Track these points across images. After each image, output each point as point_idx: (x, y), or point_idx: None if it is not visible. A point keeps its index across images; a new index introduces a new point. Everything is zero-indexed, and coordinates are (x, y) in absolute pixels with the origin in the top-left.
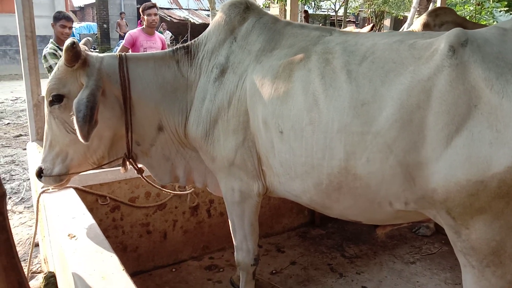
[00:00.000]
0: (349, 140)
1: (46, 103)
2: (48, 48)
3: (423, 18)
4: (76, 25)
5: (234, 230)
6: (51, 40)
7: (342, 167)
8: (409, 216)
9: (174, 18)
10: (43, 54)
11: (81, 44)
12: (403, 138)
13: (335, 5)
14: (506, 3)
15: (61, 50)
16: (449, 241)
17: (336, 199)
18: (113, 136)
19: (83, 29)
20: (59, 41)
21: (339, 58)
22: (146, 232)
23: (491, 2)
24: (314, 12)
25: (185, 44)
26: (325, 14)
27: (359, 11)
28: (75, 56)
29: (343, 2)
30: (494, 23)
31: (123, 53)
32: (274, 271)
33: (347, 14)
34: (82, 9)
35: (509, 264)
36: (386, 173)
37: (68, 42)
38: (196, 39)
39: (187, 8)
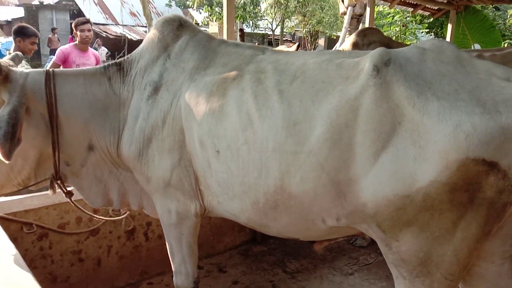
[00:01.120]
0: (284, 159)
1: None
2: None
3: (352, 38)
4: (2, 40)
5: (172, 253)
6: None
7: (278, 186)
8: (343, 231)
9: (110, 34)
10: None
11: (6, 60)
12: (334, 156)
13: (272, 25)
14: (426, 25)
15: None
16: None
17: (273, 218)
18: (39, 155)
19: (10, 44)
20: None
21: (271, 78)
22: (78, 260)
23: (414, 24)
24: (252, 31)
25: (117, 61)
26: (263, 33)
27: (295, 30)
28: None
29: (279, 22)
30: (417, 42)
31: (50, 69)
32: None
33: (284, 33)
34: (9, 23)
35: (436, 273)
36: (319, 191)
37: None
38: (129, 55)
39: (124, 24)
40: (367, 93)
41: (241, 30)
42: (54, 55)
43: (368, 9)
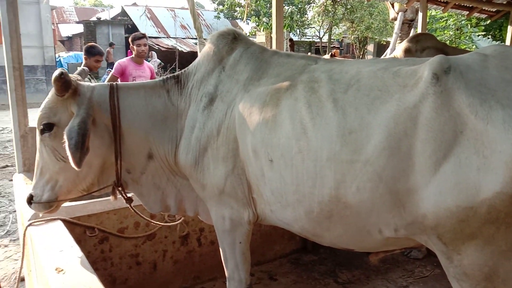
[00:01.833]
0: (339, 168)
1: (37, 131)
2: None
3: (404, 44)
4: (64, 54)
5: (225, 260)
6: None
7: (333, 196)
8: (400, 243)
9: (162, 47)
10: None
11: (75, 74)
12: (392, 165)
13: (319, 32)
14: (483, 27)
15: (93, 78)
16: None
17: (327, 228)
18: (102, 164)
19: (71, 58)
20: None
21: (325, 87)
22: (135, 263)
23: (469, 27)
24: (299, 39)
25: (175, 74)
26: (310, 41)
27: (343, 37)
28: (64, 86)
29: (327, 29)
30: (474, 47)
31: (114, 83)
32: None
33: (331, 40)
34: (70, 38)
35: None
36: (376, 201)
37: (56, 72)
38: (186, 68)
39: (175, 36)
40: (426, 101)
41: (291, 40)
42: (111, 68)
43: (420, 13)
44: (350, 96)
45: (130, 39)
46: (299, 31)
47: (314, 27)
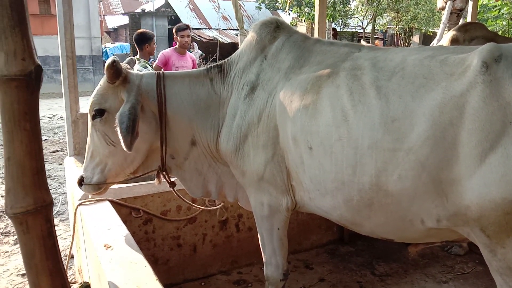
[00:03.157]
0: (380, 156)
1: (89, 117)
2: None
3: (452, 33)
4: (109, 45)
5: (263, 245)
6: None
7: (373, 183)
8: (442, 234)
9: (204, 38)
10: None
11: (124, 63)
12: (436, 155)
13: (362, 22)
14: None
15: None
16: (484, 261)
17: (367, 216)
18: (149, 149)
19: (117, 49)
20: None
21: (368, 74)
22: (176, 245)
23: None
24: (341, 30)
25: (218, 63)
26: (352, 31)
27: (388, 27)
28: (116, 73)
29: (371, 19)
30: None
31: (161, 72)
32: None
33: (375, 31)
34: (115, 30)
35: None
36: (418, 189)
37: (109, 60)
38: (229, 58)
39: (217, 28)
40: (474, 90)
41: (334, 29)
42: (153, 58)
43: (470, 2)
44: (394, 84)
45: (174, 30)
46: (342, 21)
47: (357, 17)
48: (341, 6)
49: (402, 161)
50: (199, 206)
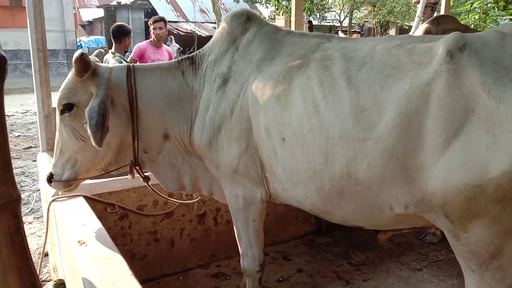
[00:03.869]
0: (351, 145)
1: (57, 111)
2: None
3: (425, 26)
4: (84, 39)
5: (239, 237)
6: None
7: (344, 172)
8: (410, 220)
9: (181, 31)
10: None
11: (93, 56)
12: (403, 142)
13: (339, 16)
14: (511, 11)
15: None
16: None
17: (338, 204)
18: (120, 143)
19: (92, 42)
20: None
21: (338, 65)
22: (153, 240)
23: (496, 10)
24: (319, 23)
25: (190, 55)
26: (330, 25)
27: (365, 21)
28: (84, 66)
29: (348, 13)
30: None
31: (131, 64)
32: (280, 279)
33: (352, 24)
34: (90, 23)
35: (508, 268)
36: (387, 177)
37: (76, 53)
38: (200, 49)
39: (194, 21)
40: (439, 79)
41: (310, 22)
42: (129, 52)
43: None
44: (364, 74)
45: (149, 23)
46: (319, 15)
47: (334, 11)
48: None
49: (371, 149)
50: (176, 200)
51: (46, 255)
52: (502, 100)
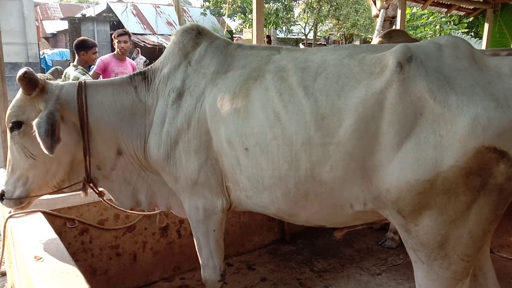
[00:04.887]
0: (314, 151)
1: (7, 129)
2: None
3: (378, 39)
4: (48, 51)
5: (199, 248)
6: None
7: (309, 175)
8: (366, 217)
9: (148, 43)
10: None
11: (47, 74)
12: (361, 145)
13: (304, 29)
14: (466, 25)
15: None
16: None
17: (303, 206)
18: (72, 160)
19: (56, 55)
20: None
21: (294, 76)
22: (115, 254)
23: (450, 24)
24: (285, 36)
25: (142, 70)
26: (296, 38)
27: (330, 34)
28: (30, 84)
29: (312, 26)
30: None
31: (82, 81)
32: None
33: (318, 37)
34: (54, 35)
35: (453, 255)
36: (348, 177)
37: (20, 72)
38: (152, 65)
39: (161, 33)
40: (391, 87)
41: (268, 36)
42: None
43: (399, 10)
44: (320, 84)
45: (112, 36)
46: (286, 28)
47: (299, 24)
48: (284, 13)
49: (333, 153)
50: (137, 213)
51: (4, 274)
52: (447, 106)
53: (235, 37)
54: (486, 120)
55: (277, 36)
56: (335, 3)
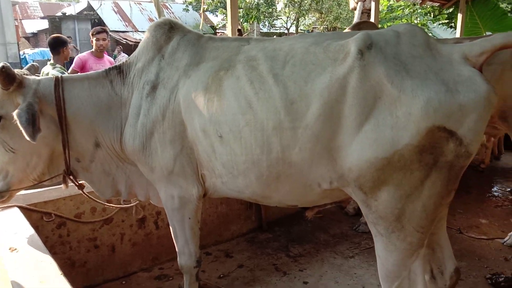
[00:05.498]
0: (284, 135)
1: None
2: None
3: (347, 31)
4: (29, 51)
5: (175, 236)
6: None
7: (280, 158)
8: (333, 195)
9: (130, 41)
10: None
11: (23, 70)
12: (326, 128)
13: (286, 24)
14: (446, 16)
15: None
16: None
17: (276, 188)
18: (51, 153)
19: (37, 55)
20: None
21: (263, 64)
22: (93, 246)
23: (428, 15)
24: (268, 31)
25: (117, 65)
26: (279, 32)
27: (313, 27)
28: (7, 79)
29: (294, 20)
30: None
31: (59, 76)
32: (221, 275)
33: (301, 31)
34: (35, 35)
35: (409, 227)
36: (315, 158)
37: None
38: (127, 59)
39: (143, 30)
40: (353, 73)
41: (239, 30)
42: (71, 62)
43: (372, 3)
44: (288, 71)
45: (90, 33)
46: (268, 23)
47: (281, 18)
48: (266, 7)
49: (301, 136)
50: (113, 205)
51: None
52: (402, 90)
53: (218, 32)
54: (437, 103)
55: (261, 31)
56: None
